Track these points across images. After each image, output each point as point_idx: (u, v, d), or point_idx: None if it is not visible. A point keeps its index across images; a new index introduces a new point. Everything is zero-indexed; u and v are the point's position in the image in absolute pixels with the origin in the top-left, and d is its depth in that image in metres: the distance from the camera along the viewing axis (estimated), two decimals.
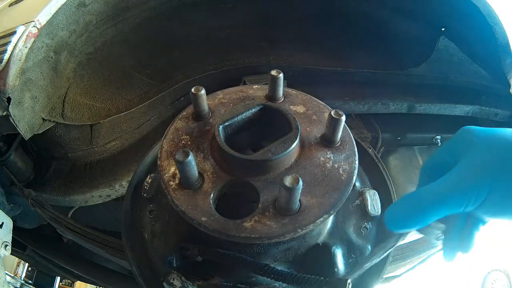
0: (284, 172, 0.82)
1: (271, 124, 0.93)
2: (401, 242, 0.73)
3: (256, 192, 0.79)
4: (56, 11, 1.23)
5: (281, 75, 0.92)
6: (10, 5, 1.54)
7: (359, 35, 1.87)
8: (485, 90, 1.89)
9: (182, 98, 1.64)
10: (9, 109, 1.17)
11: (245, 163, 0.81)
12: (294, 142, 0.82)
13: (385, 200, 1.04)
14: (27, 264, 4.68)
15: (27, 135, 1.29)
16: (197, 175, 0.79)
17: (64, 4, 1.26)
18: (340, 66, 1.79)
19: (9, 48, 1.14)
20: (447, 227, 0.71)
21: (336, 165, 0.84)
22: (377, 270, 0.95)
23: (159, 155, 0.87)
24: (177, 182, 0.81)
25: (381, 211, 1.01)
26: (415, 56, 1.81)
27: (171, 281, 0.86)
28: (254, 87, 1.02)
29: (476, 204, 0.61)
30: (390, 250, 0.75)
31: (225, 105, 0.97)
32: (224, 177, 0.82)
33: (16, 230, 1.19)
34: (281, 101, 0.97)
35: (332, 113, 0.81)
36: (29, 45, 1.16)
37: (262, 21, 1.71)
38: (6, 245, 1.11)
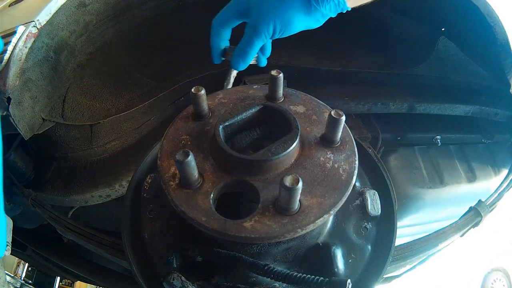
0: (284, 172, 0.82)
1: (271, 124, 0.93)
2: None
3: (256, 192, 0.79)
4: (56, 11, 1.23)
5: (281, 75, 0.92)
6: (10, 5, 1.54)
7: (359, 35, 1.87)
8: (485, 90, 1.89)
9: (182, 98, 1.64)
10: (9, 109, 1.16)
11: (245, 163, 0.81)
12: (294, 142, 0.82)
13: (385, 200, 1.04)
14: (27, 264, 4.68)
15: (27, 135, 1.29)
16: (197, 175, 0.79)
17: (64, 4, 1.25)
18: (340, 66, 1.79)
19: (9, 48, 1.14)
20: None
21: (336, 165, 0.84)
22: (377, 270, 0.95)
23: (159, 155, 0.87)
24: (177, 182, 0.81)
25: (381, 211, 1.01)
26: (415, 56, 1.81)
27: (171, 281, 0.86)
28: (254, 87, 1.02)
29: (269, 35, 1.01)
30: (231, 80, 1.18)
31: (225, 105, 0.97)
32: (224, 177, 0.82)
33: (16, 230, 1.19)
34: (281, 101, 0.97)
35: (332, 113, 0.81)
36: (29, 45, 1.16)
37: None
38: (6, 245, 1.11)
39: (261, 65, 1.15)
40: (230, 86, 1.17)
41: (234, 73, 1.18)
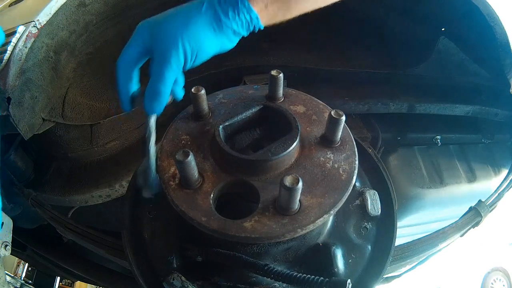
0: (284, 172, 0.82)
1: (271, 124, 0.93)
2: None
3: (256, 192, 0.79)
4: (56, 11, 1.23)
5: (281, 75, 0.92)
6: (10, 5, 1.54)
7: (359, 35, 1.87)
8: (485, 90, 1.90)
9: None
10: (9, 109, 1.16)
11: (245, 163, 0.81)
12: (294, 142, 0.82)
13: (385, 200, 1.04)
14: (27, 264, 4.68)
15: (27, 135, 1.29)
16: (197, 175, 0.79)
17: (64, 4, 1.25)
18: (340, 66, 1.79)
19: (9, 48, 1.13)
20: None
21: (336, 165, 0.84)
22: (377, 270, 0.95)
23: (159, 155, 0.87)
24: (177, 182, 0.81)
25: (381, 211, 1.01)
26: (415, 56, 1.80)
27: (171, 281, 0.86)
28: (254, 87, 1.02)
29: (181, 63, 0.85)
30: (153, 128, 0.92)
31: (225, 105, 0.97)
32: (224, 177, 0.82)
33: (16, 230, 1.19)
34: (281, 101, 0.97)
35: (332, 113, 0.81)
36: (29, 45, 1.16)
37: None
38: (6, 245, 1.11)
39: (178, 99, 0.95)
40: (153, 137, 0.91)
41: (153, 119, 0.91)
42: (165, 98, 0.87)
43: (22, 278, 4.74)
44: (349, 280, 0.76)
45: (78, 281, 3.61)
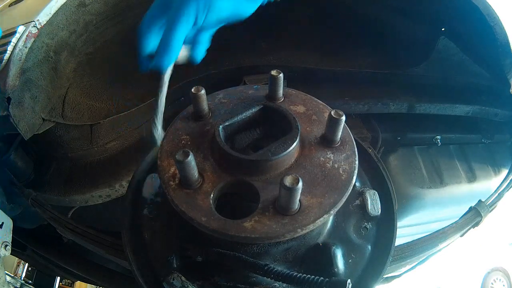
0: (284, 172, 0.82)
1: (271, 124, 0.93)
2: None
3: (256, 192, 0.79)
4: (56, 11, 1.23)
5: (281, 75, 0.92)
6: (10, 5, 1.54)
7: (359, 35, 1.87)
8: (485, 90, 1.90)
9: (182, 98, 1.64)
10: (9, 109, 1.16)
11: (245, 163, 0.81)
12: (294, 142, 0.82)
13: (385, 200, 1.04)
14: (27, 264, 4.68)
15: (27, 135, 1.29)
16: (197, 175, 0.79)
17: (64, 4, 1.26)
18: (340, 66, 1.79)
19: (9, 48, 1.14)
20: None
21: (336, 165, 0.84)
22: (377, 270, 0.95)
23: (159, 155, 0.87)
24: (177, 182, 0.81)
25: (381, 210, 1.01)
26: (415, 56, 1.81)
27: (171, 281, 0.86)
28: (254, 87, 1.02)
29: (193, 16, 0.85)
30: (166, 84, 0.93)
31: (225, 105, 0.97)
32: (224, 177, 0.82)
33: (16, 230, 1.19)
34: (281, 101, 0.97)
35: (332, 113, 0.81)
36: (29, 45, 1.16)
37: (262, 21, 1.71)
38: (6, 245, 1.11)
39: (195, 60, 0.95)
40: (164, 94, 0.94)
41: (165, 78, 0.93)
42: (174, 49, 0.86)
43: (22, 278, 4.75)
44: (349, 280, 0.76)
45: (78, 281, 3.61)
